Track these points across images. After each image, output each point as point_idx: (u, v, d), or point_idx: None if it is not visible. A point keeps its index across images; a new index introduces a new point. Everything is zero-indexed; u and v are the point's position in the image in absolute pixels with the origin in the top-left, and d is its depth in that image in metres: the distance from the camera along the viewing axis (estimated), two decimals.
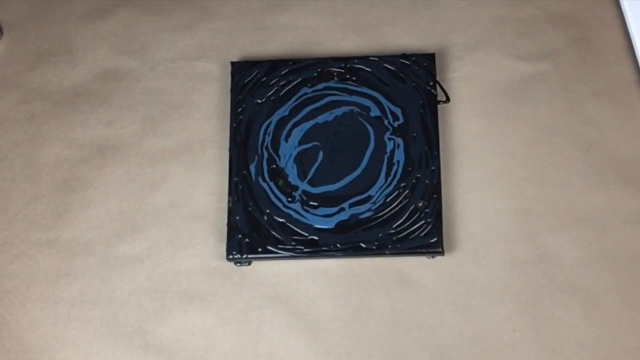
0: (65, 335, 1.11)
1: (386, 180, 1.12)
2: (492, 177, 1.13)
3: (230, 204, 1.12)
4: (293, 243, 1.10)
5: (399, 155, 1.13)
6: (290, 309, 1.10)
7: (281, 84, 1.17)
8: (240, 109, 1.16)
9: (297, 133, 1.15)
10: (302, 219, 1.11)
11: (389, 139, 1.13)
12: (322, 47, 1.20)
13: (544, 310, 1.08)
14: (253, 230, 1.11)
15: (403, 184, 1.11)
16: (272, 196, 1.12)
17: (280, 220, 1.11)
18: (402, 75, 1.15)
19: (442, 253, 1.09)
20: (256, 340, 1.10)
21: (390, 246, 1.09)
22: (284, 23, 1.21)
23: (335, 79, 1.16)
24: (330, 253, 1.09)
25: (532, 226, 1.11)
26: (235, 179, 1.13)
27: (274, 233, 1.11)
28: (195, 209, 1.15)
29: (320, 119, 1.15)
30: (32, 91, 1.21)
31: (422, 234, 1.09)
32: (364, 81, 1.16)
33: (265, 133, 1.15)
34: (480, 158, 1.14)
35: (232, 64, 1.18)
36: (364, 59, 1.17)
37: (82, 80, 1.21)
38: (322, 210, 1.11)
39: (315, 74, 1.17)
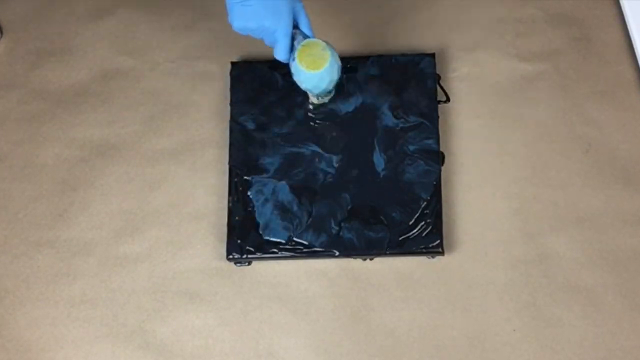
0: (65, 335, 1.11)
1: None
2: (492, 177, 1.13)
3: (230, 204, 1.12)
4: (293, 243, 1.10)
5: None
6: (290, 309, 1.10)
7: (281, 84, 1.16)
8: (240, 109, 1.16)
9: None
10: None
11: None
12: None
13: (544, 310, 1.08)
14: (253, 230, 1.11)
15: None
16: None
17: None
18: (402, 75, 1.15)
19: (442, 253, 1.09)
20: (256, 340, 1.10)
21: (390, 246, 1.09)
22: None
23: None
24: (330, 253, 1.09)
25: (532, 226, 1.11)
26: (235, 179, 1.13)
27: None
28: (195, 209, 1.15)
29: None
30: (32, 91, 1.21)
31: (422, 234, 1.09)
32: (364, 81, 1.15)
33: None
34: (480, 158, 1.14)
35: (232, 64, 1.18)
36: (364, 58, 1.17)
37: (82, 80, 1.21)
38: None
39: None
